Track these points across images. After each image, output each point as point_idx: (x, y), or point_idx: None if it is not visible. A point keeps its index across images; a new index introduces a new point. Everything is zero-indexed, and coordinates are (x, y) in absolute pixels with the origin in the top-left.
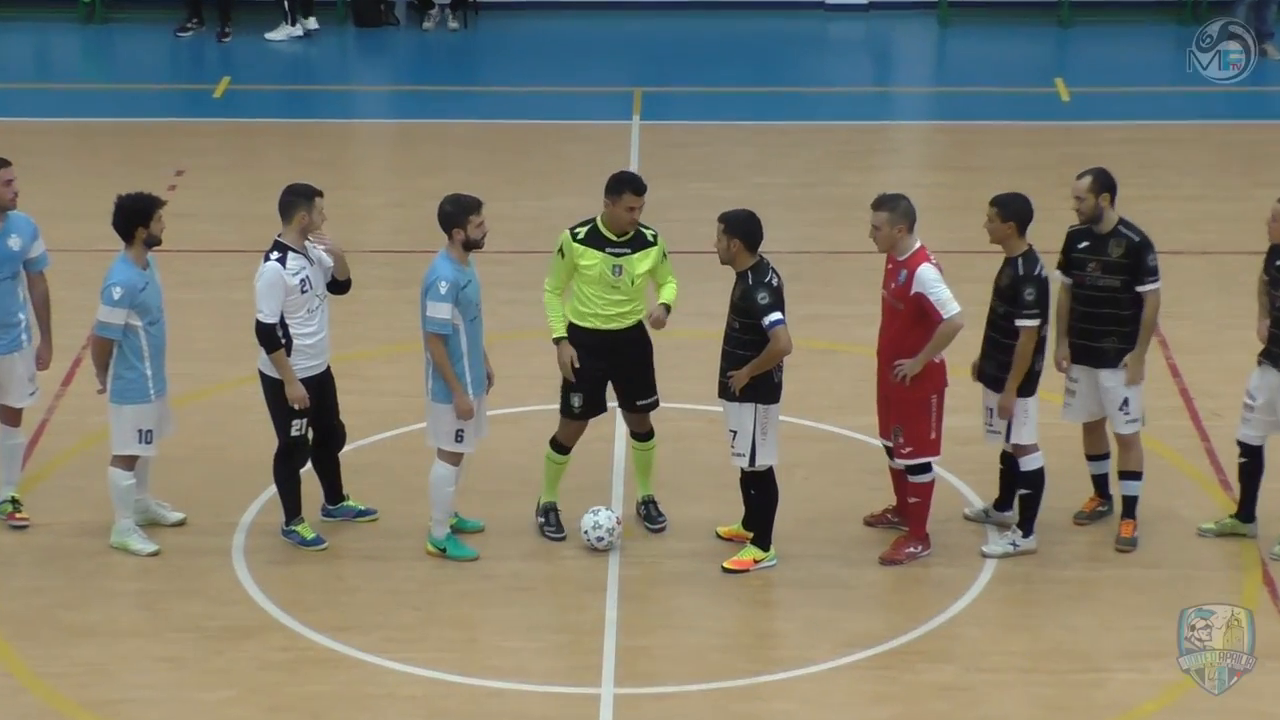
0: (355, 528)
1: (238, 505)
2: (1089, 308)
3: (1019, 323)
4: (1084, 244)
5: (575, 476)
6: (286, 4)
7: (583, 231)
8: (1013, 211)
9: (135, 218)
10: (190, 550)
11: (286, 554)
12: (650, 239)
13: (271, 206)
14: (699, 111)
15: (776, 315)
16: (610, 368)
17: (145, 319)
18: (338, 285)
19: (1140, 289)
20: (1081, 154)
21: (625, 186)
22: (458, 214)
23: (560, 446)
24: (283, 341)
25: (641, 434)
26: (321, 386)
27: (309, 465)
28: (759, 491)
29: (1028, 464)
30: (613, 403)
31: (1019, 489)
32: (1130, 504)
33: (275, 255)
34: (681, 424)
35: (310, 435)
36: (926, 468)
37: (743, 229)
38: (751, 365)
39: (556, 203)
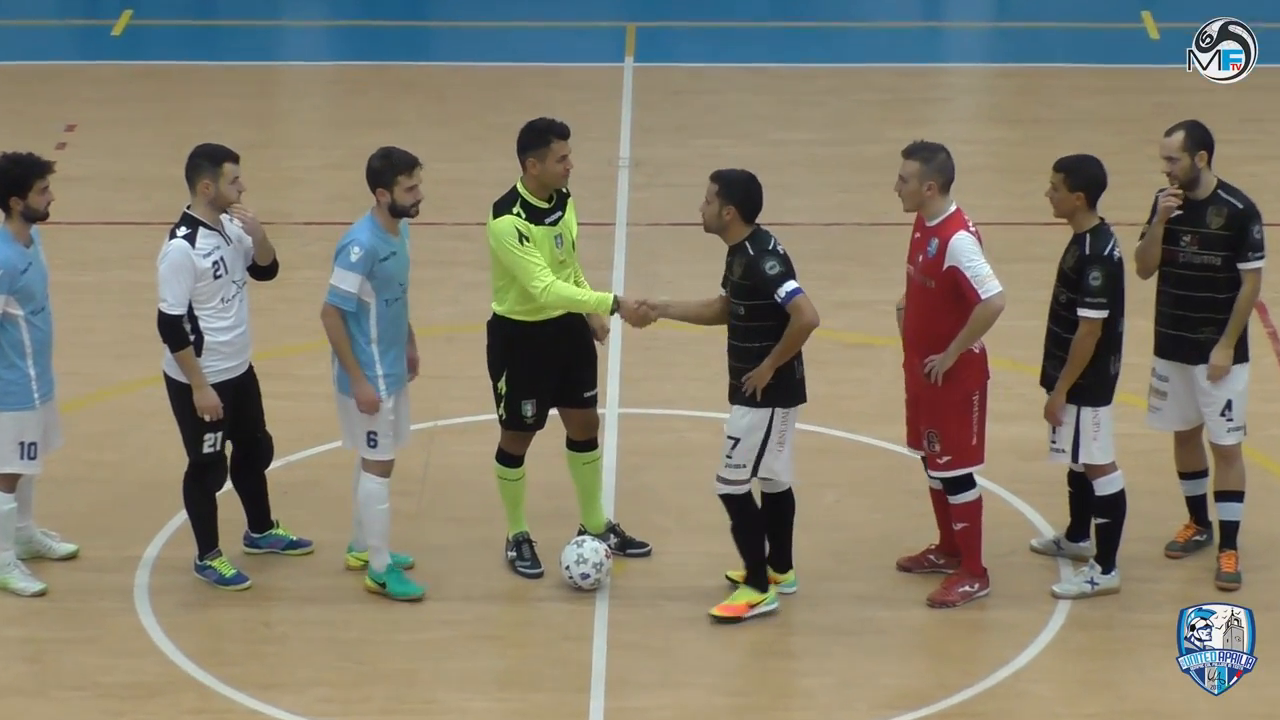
0: (285, 562)
1: (141, 535)
2: (1182, 290)
3: (1081, 312)
4: (1177, 212)
5: (554, 499)
6: None
7: (520, 210)
8: (1082, 179)
9: (9, 186)
10: (84, 590)
11: (201, 595)
12: (564, 191)
13: (183, 169)
14: (705, 51)
15: (792, 284)
16: (560, 357)
17: (28, 307)
18: (259, 270)
19: (1241, 266)
20: (1173, 104)
21: (550, 134)
22: (385, 172)
23: (511, 459)
24: (190, 338)
25: (584, 441)
26: (241, 391)
27: (228, 486)
28: (774, 513)
29: (1104, 487)
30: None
31: (1095, 516)
32: (1230, 531)
33: (183, 231)
34: (688, 436)
35: (228, 450)
36: (969, 483)
37: (741, 193)
38: (775, 354)
39: None
